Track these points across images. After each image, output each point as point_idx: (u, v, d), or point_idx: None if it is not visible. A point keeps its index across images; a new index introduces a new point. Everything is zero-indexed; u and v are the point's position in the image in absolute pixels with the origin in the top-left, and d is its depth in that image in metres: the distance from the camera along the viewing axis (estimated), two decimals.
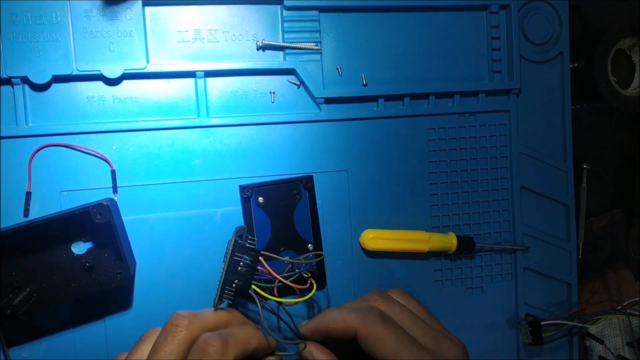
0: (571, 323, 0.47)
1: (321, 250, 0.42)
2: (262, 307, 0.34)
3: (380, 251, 0.44)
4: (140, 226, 0.40)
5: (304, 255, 0.39)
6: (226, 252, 0.35)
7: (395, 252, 0.44)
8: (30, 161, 0.38)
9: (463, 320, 0.47)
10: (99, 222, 0.35)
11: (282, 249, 0.40)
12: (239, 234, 0.36)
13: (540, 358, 0.49)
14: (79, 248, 0.38)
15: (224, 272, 0.34)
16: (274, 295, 0.36)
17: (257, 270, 0.35)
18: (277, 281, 0.36)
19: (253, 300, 0.35)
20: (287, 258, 0.38)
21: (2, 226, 0.37)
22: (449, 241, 0.44)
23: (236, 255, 0.35)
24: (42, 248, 0.37)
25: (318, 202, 0.42)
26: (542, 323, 0.46)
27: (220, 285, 0.34)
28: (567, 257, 0.49)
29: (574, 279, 0.49)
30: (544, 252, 0.48)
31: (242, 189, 0.40)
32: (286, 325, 0.37)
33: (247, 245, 0.35)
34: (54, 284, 0.37)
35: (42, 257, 0.37)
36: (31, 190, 0.38)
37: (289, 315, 0.37)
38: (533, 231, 0.48)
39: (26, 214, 0.38)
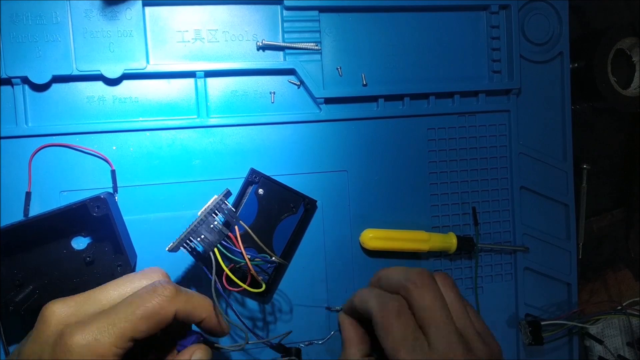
0: (571, 323, 0.47)
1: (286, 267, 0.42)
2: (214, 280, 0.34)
3: (380, 251, 0.44)
4: (140, 226, 0.40)
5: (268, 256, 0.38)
6: (205, 207, 0.34)
7: (395, 252, 0.44)
8: (30, 161, 0.38)
9: None
10: (96, 215, 0.35)
11: (246, 245, 0.38)
12: (227, 195, 0.35)
13: (540, 358, 0.49)
14: (79, 243, 0.38)
15: (196, 222, 0.34)
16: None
17: (227, 237, 0.34)
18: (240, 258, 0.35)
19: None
20: (261, 244, 0.37)
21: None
22: (449, 241, 0.44)
23: (215, 212, 0.34)
24: (43, 244, 0.37)
25: (318, 202, 0.42)
26: (542, 323, 0.46)
27: (185, 232, 0.34)
28: (567, 257, 0.49)
29: (574, 279, 0.49)
30: (544, 252, 0.48)
31: (252, 172, 0.40)
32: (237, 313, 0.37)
33: (231, 209, 0.34)
34: (56, 280, 0.37)
35: (43, 254, 0.37)
36: (31, 190, 0.38)
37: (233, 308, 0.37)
38: (533, 231, 0.48)
39: (26, 214, 0.38)
